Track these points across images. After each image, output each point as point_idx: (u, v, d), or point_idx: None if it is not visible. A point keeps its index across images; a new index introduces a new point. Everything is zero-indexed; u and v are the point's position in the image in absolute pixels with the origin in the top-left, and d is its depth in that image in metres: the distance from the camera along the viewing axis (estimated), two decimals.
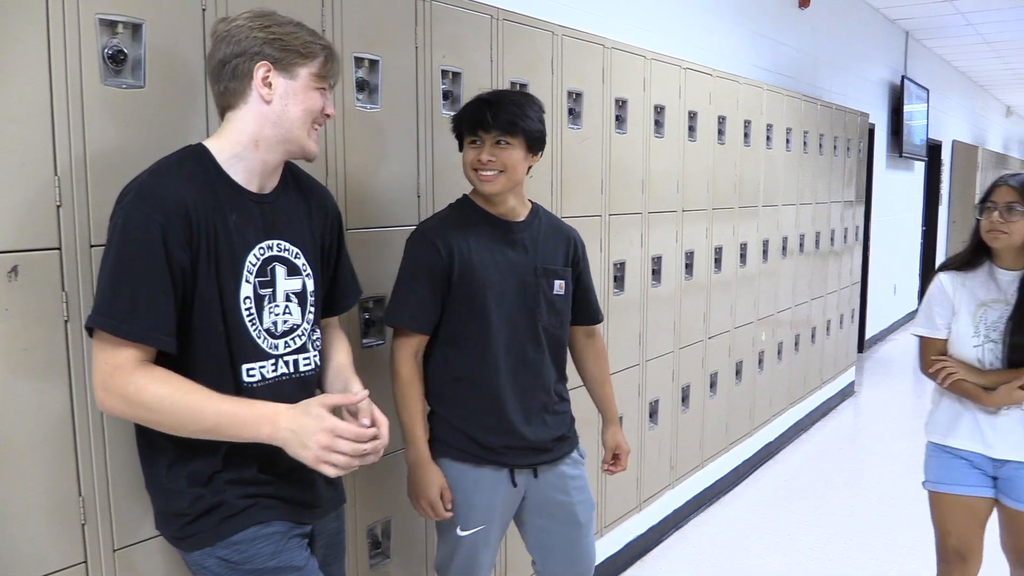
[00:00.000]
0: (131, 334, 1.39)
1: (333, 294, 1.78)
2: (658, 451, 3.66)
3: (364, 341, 2.21)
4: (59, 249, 1.55)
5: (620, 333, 3.26)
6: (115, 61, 1.62)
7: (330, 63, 1.57)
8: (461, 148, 2.06)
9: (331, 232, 1.75)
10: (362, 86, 2.16)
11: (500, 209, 2.07)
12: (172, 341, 1.44)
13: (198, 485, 1.52)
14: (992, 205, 2.31)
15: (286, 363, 1.61)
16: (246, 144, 1.53)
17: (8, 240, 1.49)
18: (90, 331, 1.43)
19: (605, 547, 3.37)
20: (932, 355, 2.44)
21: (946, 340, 2.44)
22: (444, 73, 2.40)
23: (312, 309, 1.66)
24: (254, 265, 1.55)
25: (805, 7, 5.54)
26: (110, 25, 1.61)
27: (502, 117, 1.95)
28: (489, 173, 1.98)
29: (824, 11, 5.98)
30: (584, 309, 2.27)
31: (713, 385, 4.14)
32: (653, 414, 3.59)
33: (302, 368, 1.64)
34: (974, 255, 2.42)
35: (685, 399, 3.87)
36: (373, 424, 1.53)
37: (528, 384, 2.10)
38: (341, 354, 1.78)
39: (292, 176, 1.69)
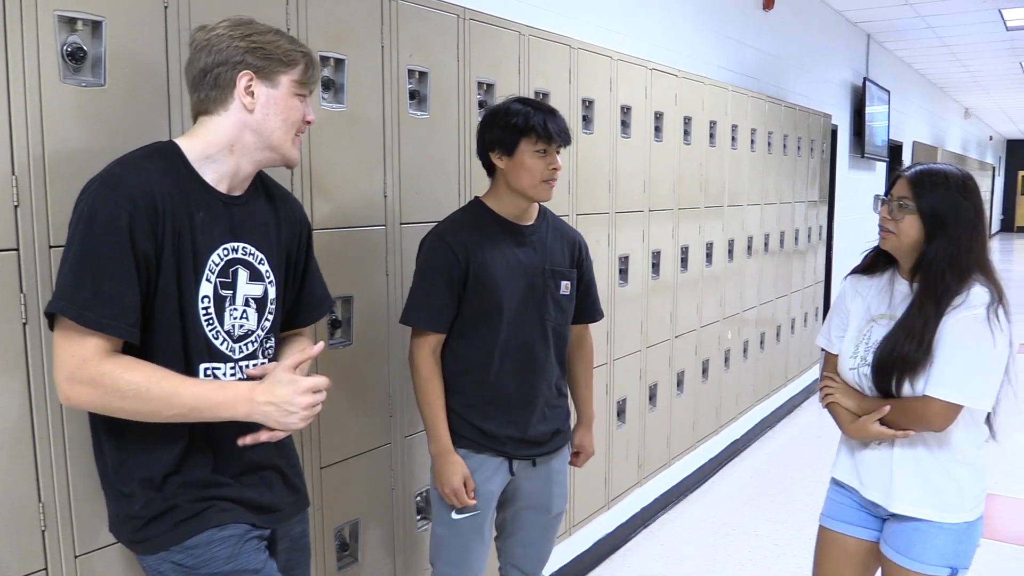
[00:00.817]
0: (94, 322, 1.36)
1: (299, 307, 1.76)
2: (626, 450, 3.67)
3: (331, 342, 2.19)
4: (16, 250, 1.52)
5: None
6: (74, 59, 1.59)
7: (311, 70, 1.58)
8: (502, 150, 2.09)
9: (299, 243, 1.73)
10: (328, 85, 2.14)
11: (515, 212, 2.17)
12: (136, 332, 1.42)
13: (151, 488, 1.50)
14: (886, 200, 2.00)
15: (241, 368, 1.60)
16: (220, 148, 1.53)
17: None
18: (51, 321, 1.40)
19: (574, 546, 3.38)
20: (827, 370, 2.13)
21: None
22: (411, 73, 2.39)
23: (270, 317, 1.64)
24: (216, 265, 1.53)
25: (769, 9, 5.59)
26: (69, 22, 1.58)
27: (568, 130, 2.13)
28: (555, 182, 2.13)
29: (788, 13, 6.05)
30: (584, 306, 2.35)
31: (680, 384, 4.17)
32: (621, 413, 3.61)
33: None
34: (875, 258, 2.09)
35: (652, 398, 3.89)
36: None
37: (533, 380, 2.18)
38: (295, 350, 1.73)
39: (263, 185, 1.68)
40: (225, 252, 1.55)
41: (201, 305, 1.51)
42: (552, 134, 2.07)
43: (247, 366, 1.60)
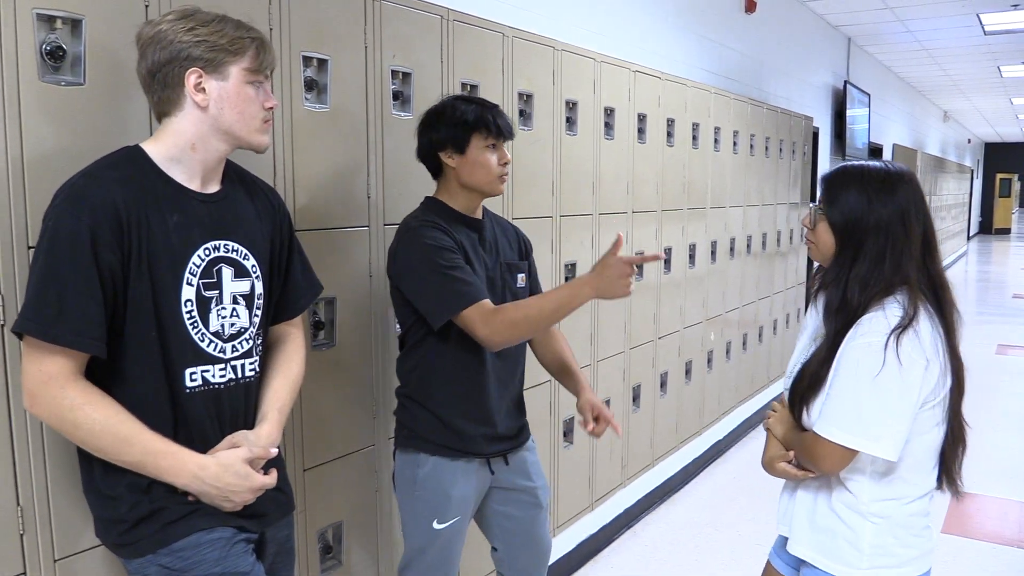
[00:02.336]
0: (58, 338, 1.36)
1: (285, 295, 1.74)
2: (609, 451, 3.68)
3: (314, 343, 2.18)
4: None
5: (571, 334, 3.27)
6: (54, 57, 1.57)
7: (261, 54, 1.53)
8: (453, 148, 2.09)
9: (281, 232, 1.72)
10: (311, 85, 2.13)
11: (471, 206, 2.16)
12: (101, 346, 1.41)
13: (138, 492, 1.48)
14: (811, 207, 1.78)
15: (234, 368, 1.58)
16: (183, 148, 1.51)
17: None
18: (19, 336, 1.40)
19: (558, 546, 3.38)
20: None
21: None
22: (394, 73, 2.38)
23: (259, 312, 1.63)
24: (198, 266, 1.52)
25: (751, 13, 5.63)
26: (48, 20, 1.57)
27: (512, 125, 2.14)
28: (507, 176, 2.14)
29: (769, 17, 6.09)
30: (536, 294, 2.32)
31: (663, 385, 4.18)
32: None
33: (247, 373, 1.62)
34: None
35: (636, 399, 3.90)
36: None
37: (505, 376, 2.19)
38: (280, 378, 1.70)
39: (238, 177, 1.67)
40: (207, 252, 1.54)
41: (184, 309, 1.50)
42: (502, 129, 2.09)
43: (244, 366, 1.59)
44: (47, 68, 1.57)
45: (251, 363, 1.62)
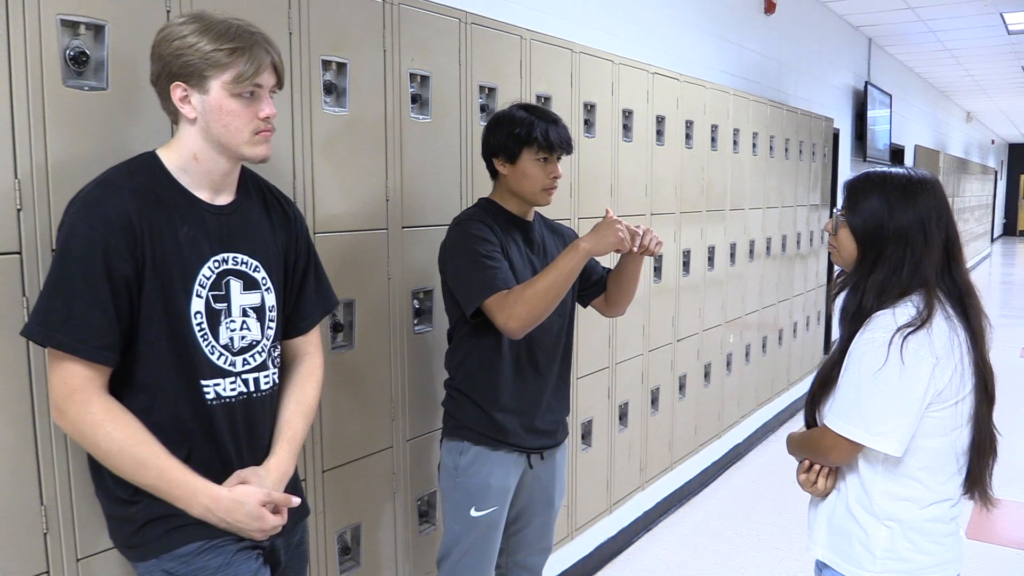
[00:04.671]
0: (61, 344, 1.37)
1: (297, 310, 1.71)
2: (628, 453, 3.67)
3: (333, 346, 2.19)
4: (19, 253, 1.52)
5: (589, 336, 3.27)
6: (77, 63, 1.60)
7: (244, 64, 1.45)
8: (505, 157, 2.14)
9: (297, 245, 1.70)
10: (330, 89, 2.15)
11: (522, 210, 2.23)
12: (109, 355, 1.41)
13: (148, 496, 1.48)
14: (834, 212, 1.77)
15: (245, 381, 1.57)
16: (187, 158, 1.51)
17: None
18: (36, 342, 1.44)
19: (576, 549, 3.37)
20: None
21: None
22: (412, 76, 2.39)
23: (272, 325, 1.62)
24: (208, 279, 1.51)
25: (771, 13, 5.60)
26: (72, 26, 1.59)
27: (571, 138, 2.18)
28: (555, 189, 2.19)
29: (789, 17, 6.06)
30: (599, 283, 2.37)
31: (682, 387, 4.16)
32: (623, 416, 3.61)
33: (263, 387, 1.61)
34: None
35: (654, 401, 3.88)
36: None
37: (545, 370, 2.24)
38: (293, 405, 1.67)
39: (255, 187, 1.66)
40: (216, 264, 1.53)
41: (195, 321, 1.49)
42: (554, 144, 2.12)
43: (258, 380, 1.59)
44: (71, 73, 1.59)
45: (266, 376, 1.61)
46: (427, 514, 2.56)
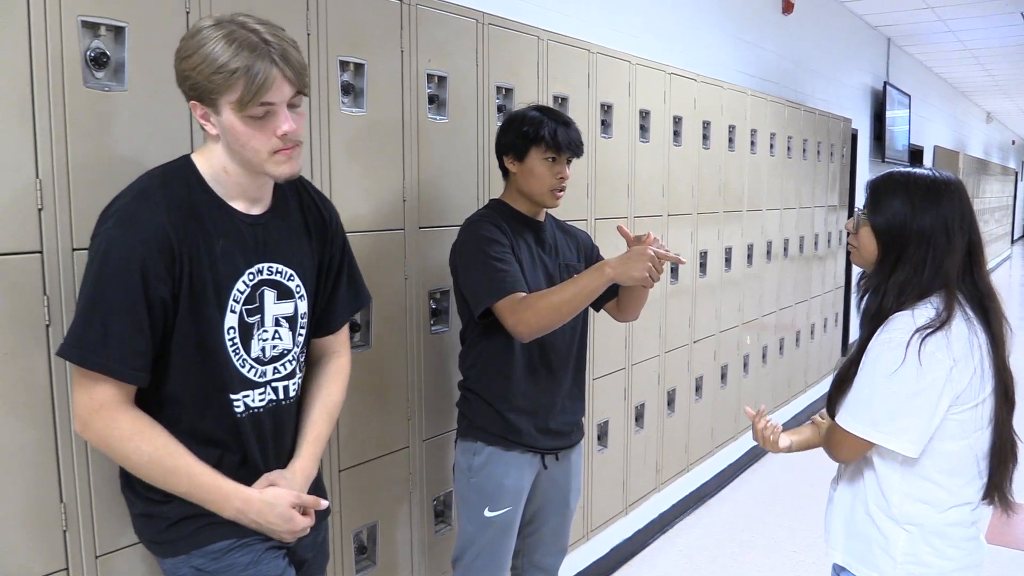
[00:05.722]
0: (100, 367, 1.36)
1: (329, 309, 1.70)
2: (644, 455, 3.66)
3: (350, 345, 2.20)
4: (40, 253, 1.54)
5: (606, 337, 3.27)
6: (97, 64, 1.61)
7: (244, 87, 1.35)
8: (514, 155, 2.16)
9: (332, 248, 1.68)
10: (348, 90, 2.15)
11: (532, 211, 2.24)
12: (144, 376, 1.41)
13: (177, 497, 1.48)
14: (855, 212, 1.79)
15: (274, 389, 1.57)
16: (218, 170, 1.48)
17: None
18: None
19: (592, 551, 3.37)
20: None
21: None
22: (430, 77, 2.39)
23: (303, 331, 1.61)
24: (242, 293, 1.50)
25: (788, 13, 5.57)
26: (92, 27, 1.60)
27: (581, 141, 2.19)
28: (563, 191, 2.19)
29: (807, 17, 6.02)
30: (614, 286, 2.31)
31: (699, 389, 4.15)
32: (639, 418, 3.60)
33: (291, 394, 1.60)
34: None
35: (671, 403, 3.87)
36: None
37: (559, 371, 2.25)
38: (319, 406, 1.67)
39: (292, 188, 1.62)
40: (251, 277, 1.51)
41: (228, 337, 1.48)
42: (561, 144, 2.13)
43: (287, 388, 1.58)
44: (91, 74, 1.60)
45: (295, 383, 1.60)
46: (443, 514, 2.56)
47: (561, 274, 2.25)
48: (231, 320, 1.48)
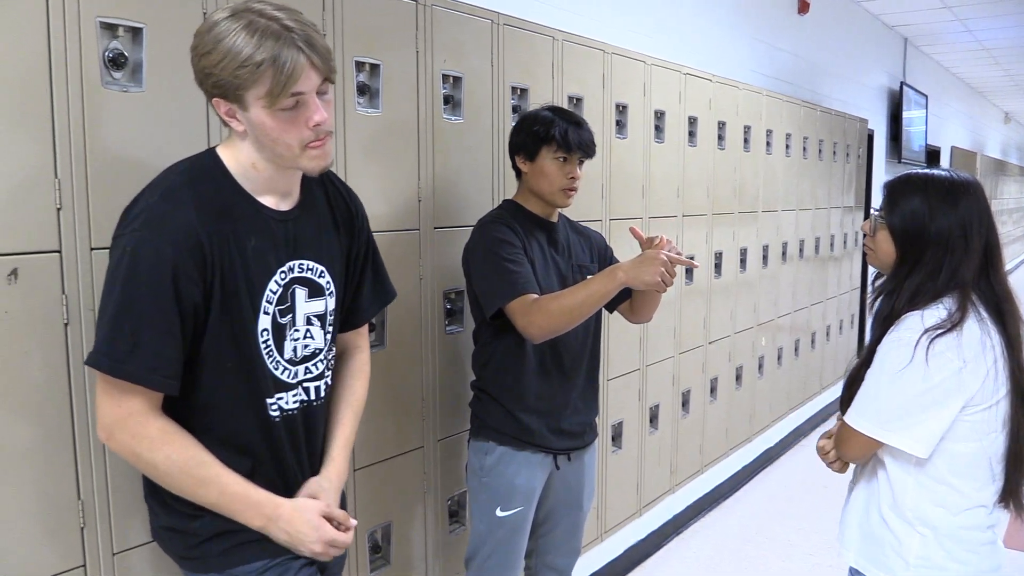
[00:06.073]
0: (131, 375, 1.30)
1: (355, 304, 1.65)
2: (658, 456, 3.65)
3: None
4: (59, 252, 1.55)
5: (620, 338, 3.26)
6: (116, 64, 1.62)
7: (272, 79, 1.28)
8: (525, 155, 2.17)
9: (359, 241, 1.63)
10: (363, 90, 2.16)
11: (544, 211, 2.24)
12: (175, 384, 1.35)
13: (209, 510, 1.42)
14: (872, 214, 1.77)
15: (305, 390, 1.52)
16: (246, 167, 1.41)
17: (8, 243, 1.48)
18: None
19: (606, 552, 3.36)
20: None
21: None
22: (445, 77, 2.40)
23: (331, 329, 1.56)
24: (275, 293, 1.44)
25: (804, 13, 5.54)
26: (111, 28, 1.61)
27: (593, 142, 2.19)
28: (573, 191, 2.18)
29: (823, 17, 5.99)
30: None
31: (713, 390, 4.13)
32: (653, 419, 3.59)
33: (322, 395, 1.56)
34: None
35: (685, 404, 3.86)
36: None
37: (572, 371, 2.25)
38: (346, 408, 1.64)
39: (318, 181, 1.55)
40: (283, 276, 1.45)
41: (261, 339, 1.43)
42: (572, 144, 2.13)
43: (318, 388, 1.53)
44: (109, 74, 1.61)
45: (325, 384, 1.56)
46: (457, 514, 2.56)
47: (574, 275, 2.25)
48: (264, 322, 1.42)
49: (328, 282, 1.53)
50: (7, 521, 1.50)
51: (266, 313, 1.43)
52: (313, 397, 1.54)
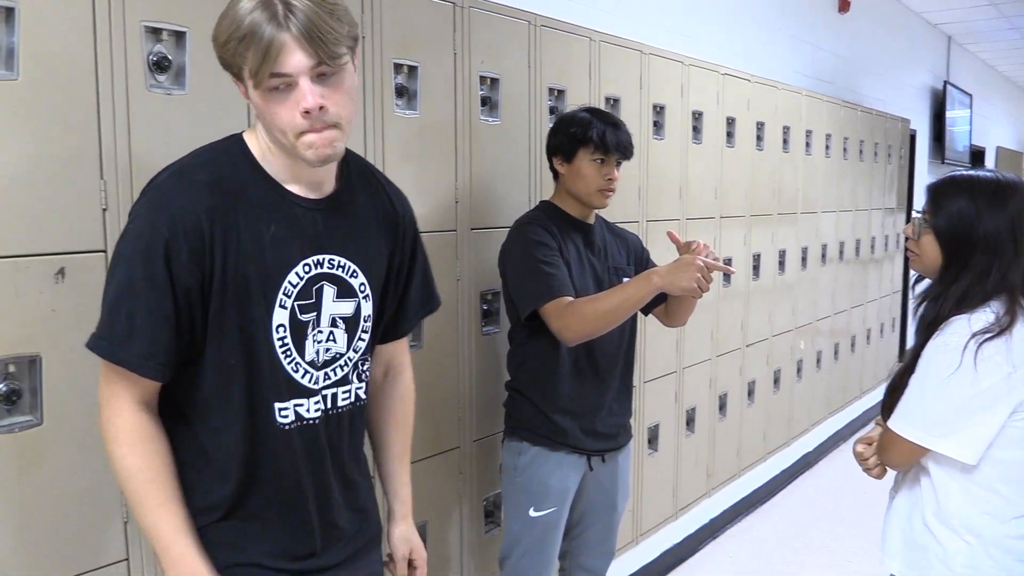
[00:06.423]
0: (126, 362, 1.23)
1: (400, 313, 1.53)
2: (695, 459, 3.62)
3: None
4: (104, 252, 1.58)
5: (656, 340, 3.24)
6: (159, 67, 1.65)
7: (258, 53, 1.17)
8: (563, 156, 2.17)
9: (404, 244, 1.50)
10: (401, 91, 2.17)
11: (581, 212, 2.24)
12: (166, 372, 1.26)
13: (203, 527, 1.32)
14: (913, 218, 1.71)
15: (325, 398, 1.37)
16: (264, 149, 1.32)
17: (55, 242, 1.52)
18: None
19: (641, 555, 3.34)
20: None
21: None
22: (482, 79, 2.40)
23: (364, 336, 1.42)
24: (295, 286, 1.31)
25: (845, 12, 5.47)
26: (155, 32, 1.64)
27: (631, 143, 2.18)
28: (611, 192, 2.17)
29: (864, 16, 5.90)
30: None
31: (751, 393, 4.09)
32: (690, 422, 3.56)
33: (340, 403, 1.40)
34: None
35: (722, 407, 3.82)
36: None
37: (606, 373, 2.24)
38: (399, 435, 1.59)
39: (359, 174, 1.44)
40: (306, 269, 1.32)
41: (276, 336, 1.30)
42: (609, 146, 2.13)
43: (336, 396, 1.39)
44: (153, 77, 1.64)
45: (345, 391, 1.40)
46: (492, 514, 2.57)
47: (610, 277, 2.24)
48: (281, 316, 1.30)
49: (363, 284, 1.40)
50: (52, 513, 1.53)
51: (283, 307, 1.30)
52: (333, 406, 1.39)
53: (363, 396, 1.45)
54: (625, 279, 2.24)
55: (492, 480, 2.52)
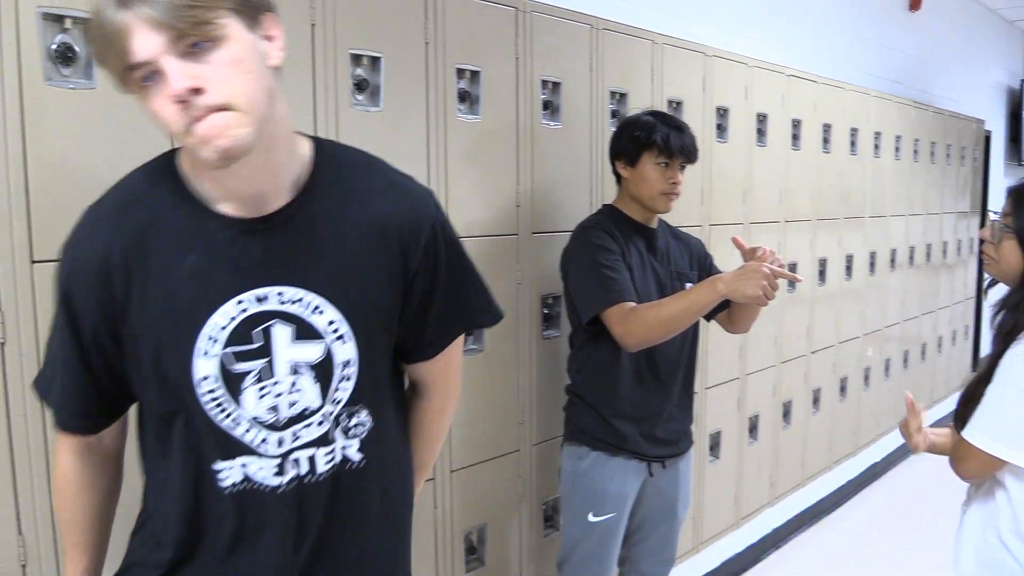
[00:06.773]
0: (51, 405, 1.18)
1: (419, 338, 1.25)
2: (757, 467, 3.56)
3: (464, 348, 2.23)
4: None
5: (719, 346, 3.20)
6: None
7: (110, 45, 0.95)
8: (626, 160, 2.17)
9: (426, 268, 1.19)
10: (464, 96, 2.19)
11: (644, 216, 2.22)
12: (82, 424, 1.16)
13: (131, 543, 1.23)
14: (989, 221, 1.69)
15: (296, 462, 1.12)
16: (190, 164, 1.09)
17: None
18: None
19: (702, 563, 3.30)
20: None
21: None
22: (544, 83, 2.41)
23: (346, 386, 1.14)
24: (223, 328, 1.07)
25: (916, 10, 5.33)
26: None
27: (695, 147, 2.17)
28: (675, 196, 2.16)
29: (936, 14, 5.74)
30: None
31: (816, 401, 4.01)
32: (753, 429, 3.51)
33: (319, 469, 1.13)
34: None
35: (787, 415, 3.75)
36: None
37: (668, 379, 2.23)
38: (429, 445, 1.37)
39: (336, 180, 1.14)
40: (241, 307, 1.08)
41: (200, 390, 1.08)
42: (673, 149, 2.11)
43: (313, 458, 1.13)
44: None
45: (328, 453, 1.14)
46: (552, 518, 2.57)
47: (672, 282, 2.22)
48: (205, 367, 1.07)
49: (332, 322, 1.11)
50: None
51: (206, 355, 1.07)
52: (306, 471, 1.13)
53: (356, 457, 1.17)
54: (688, 284, 2.22)
55: (552, 484, 2.52)
